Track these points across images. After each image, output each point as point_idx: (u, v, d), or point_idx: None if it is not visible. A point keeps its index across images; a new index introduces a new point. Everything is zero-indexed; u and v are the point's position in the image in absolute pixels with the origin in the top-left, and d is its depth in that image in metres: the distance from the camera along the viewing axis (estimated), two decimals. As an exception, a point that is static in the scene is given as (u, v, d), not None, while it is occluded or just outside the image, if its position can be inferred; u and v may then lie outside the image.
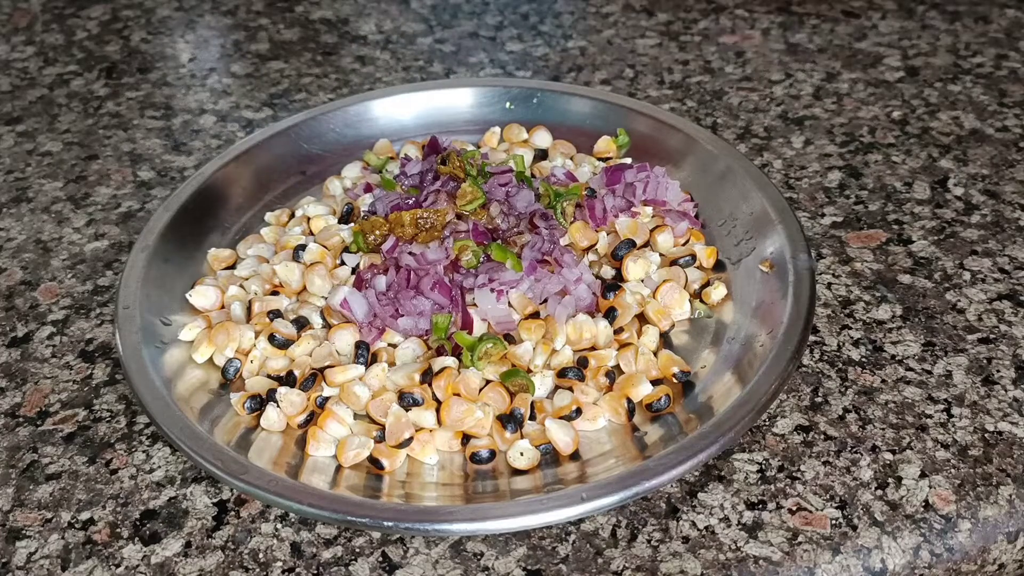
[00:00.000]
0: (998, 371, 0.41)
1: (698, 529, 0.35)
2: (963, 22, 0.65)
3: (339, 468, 0.37)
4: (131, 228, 0.51)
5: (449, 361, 0.39)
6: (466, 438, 0.38)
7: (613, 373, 0.40)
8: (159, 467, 0.38)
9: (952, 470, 0.37)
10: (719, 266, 0.45)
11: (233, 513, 0.36)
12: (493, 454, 0.37)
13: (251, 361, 0.41)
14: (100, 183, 0.54)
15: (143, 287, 0.42)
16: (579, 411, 0.38)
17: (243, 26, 0.69)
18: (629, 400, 0.39)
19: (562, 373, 0.40)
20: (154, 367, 0.39)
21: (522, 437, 0.38)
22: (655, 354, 0.41)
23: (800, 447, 0.38)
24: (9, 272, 0.48)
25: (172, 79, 0.63)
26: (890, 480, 0.36)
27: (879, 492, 0.36)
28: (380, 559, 0.35)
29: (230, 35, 0.68)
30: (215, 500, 0.37)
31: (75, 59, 0.66)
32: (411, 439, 0.37)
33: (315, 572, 0.34)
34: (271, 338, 0.41)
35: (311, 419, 0.39)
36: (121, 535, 0.36)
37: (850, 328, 0.43)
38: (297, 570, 0.34)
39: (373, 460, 0.37)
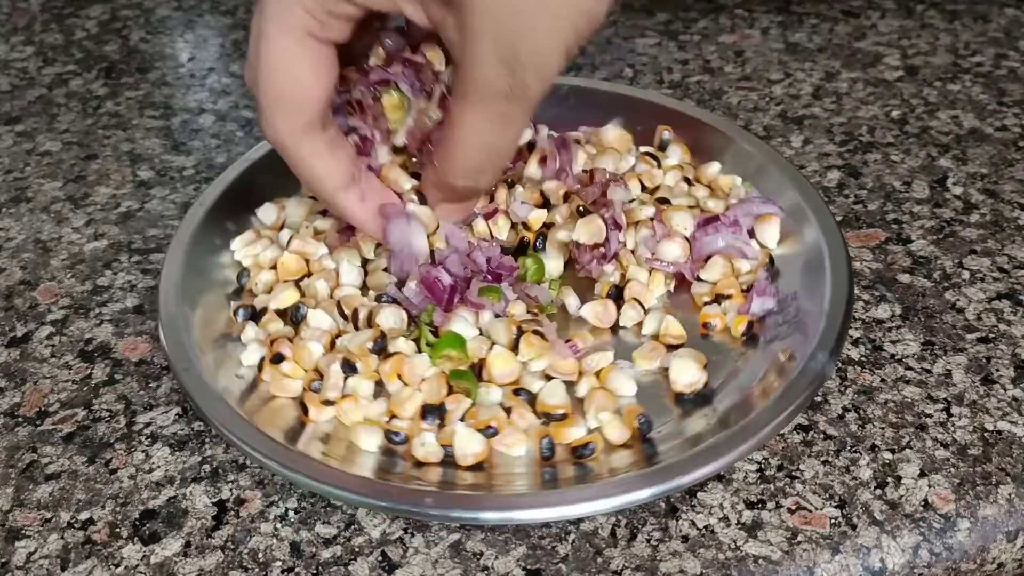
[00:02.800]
0: (997, 370, 0.41)
1: (697, 528, 0.35)
2: (962, 21, 0.65)
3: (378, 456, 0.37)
4: (131, 228, 0.51)
5: (404, 346, 0.40)
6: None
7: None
8: (158, 467, 0.38)
9: (951, 469, 0.37)
10: None
11: (233, 513, 0.36)
12: (406, 438, 0.37)
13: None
14: (99, 183, 0.54)
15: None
16: (494, 431, 0.37)
17: (243, 26, 0.69)
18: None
19: (517, 391, 0.39)
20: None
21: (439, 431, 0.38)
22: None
23: (799, 446, 0.38)
24: (8, 272, 0.48)
25: (171, 79, 0.63)
26: (889, 479, 0.36)
27: (878, 491, 0.36)
28: (380, 559, 0.35)
29: (229, 35, 0.68)
30: (215, 500, 0.37)
31: (74, 59, 0.66)
32: (333, 403, 0.38)
33: (314, 572, 0.34)
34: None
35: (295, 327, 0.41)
36: (120, 535, 0.36)
37: (849, 327, 0.43)
38: (296, 570, 0.34)
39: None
